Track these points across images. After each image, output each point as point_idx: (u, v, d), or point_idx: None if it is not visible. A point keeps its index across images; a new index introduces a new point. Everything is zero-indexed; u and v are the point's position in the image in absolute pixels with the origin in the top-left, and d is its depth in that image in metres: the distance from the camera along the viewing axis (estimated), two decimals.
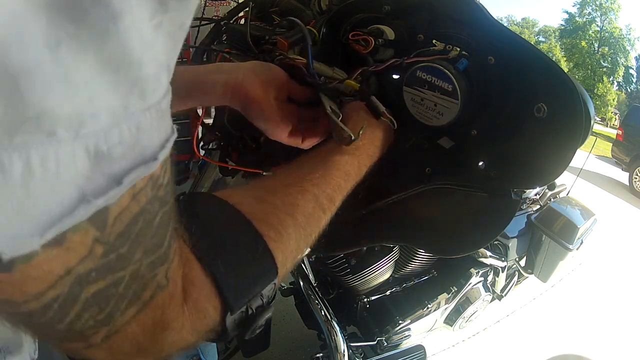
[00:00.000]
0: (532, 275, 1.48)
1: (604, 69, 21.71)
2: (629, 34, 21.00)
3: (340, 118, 0.45)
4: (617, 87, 22.12)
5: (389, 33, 0.52)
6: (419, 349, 1.12)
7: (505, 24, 1.55)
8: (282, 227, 0.34)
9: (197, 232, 0.27)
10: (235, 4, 0.79)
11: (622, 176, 6.12)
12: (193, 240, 0.27)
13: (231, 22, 0.76)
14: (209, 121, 0.76)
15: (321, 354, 1.07)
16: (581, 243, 1.38)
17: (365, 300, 1.10)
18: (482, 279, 1.29)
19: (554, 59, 0.44)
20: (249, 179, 0.71)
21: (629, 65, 21.42)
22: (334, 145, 0.45)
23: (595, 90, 20.88)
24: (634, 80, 21.68)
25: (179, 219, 0.24)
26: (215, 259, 0.28)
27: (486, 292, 1.31)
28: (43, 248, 0.15)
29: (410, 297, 1.16)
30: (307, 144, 0.50)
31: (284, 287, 1.17)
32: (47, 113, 0.13)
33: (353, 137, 0.43)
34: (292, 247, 0.35)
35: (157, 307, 0.23)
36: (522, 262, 1.47)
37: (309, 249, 0.40)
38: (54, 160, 0.14)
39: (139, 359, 0.24)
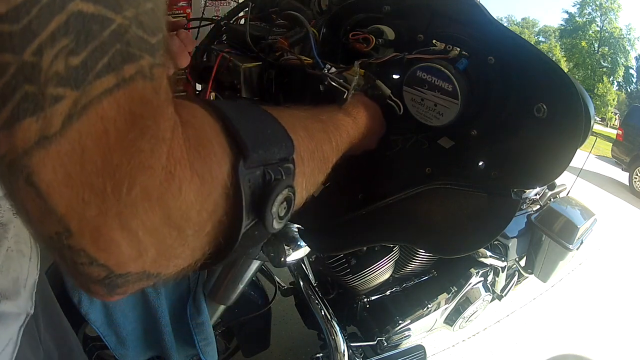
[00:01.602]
0: (532, 275, 1.48)
1: (604, 69, 21.71)
2: (629, 34, 21.01)
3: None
4: (617, 87, 22.13)
5: (389, 33, 0.52)
6: (419, 349, 1.12)
7: (505, 24, 1.55)
8: (292, 127, 0.31)
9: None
10: (235, 4, 0.79)
11: (622, 176, 6.12)
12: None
13: (231, 22, 0.76)
14: None
15: (321, 354, 1.07)
16: (581, 243, 1.38)
17: (365, 300, 1.10)
18: (482, 279, 1.29)
19: (554, 59, 0.44)
20: None
21: (629, 65, 21.42)
22: (332, 108, 0.46)
23: (595, 90, 20.87)
24: (634, 80, 21.68)
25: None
26: (222, 106, 0.25)
27: (486, 292, 1.31)
28: None
29: (410, 297, 1.16)
30: None
31: (284, 287, 1.17)
32: None
33: (350, 88, 0.45)
34: (305, 146, 0.33)
35: (137, 92, 0.19)
36: (522, 262, 1.47)
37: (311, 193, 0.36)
38: None
39: (110, 198, 0.18)
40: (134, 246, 0.19)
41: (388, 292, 1.13)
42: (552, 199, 1.56)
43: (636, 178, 5.60)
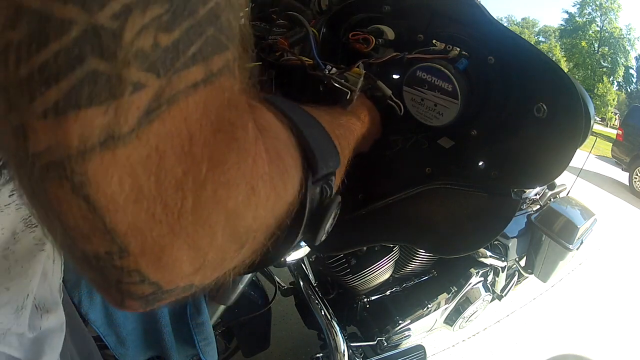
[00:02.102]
0: (532, 275, 1.48)
1: (604, 69, 21.71)
2: (629, 34, 21.02)
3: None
4: (617, 87, 22.13)
5: (389, 33, 0.52)
6: (419, 349, 1.12)
7: (505, 24, 1.55)
8: (332, 129, 0.31)
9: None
10: None
11: (622, 176, 6.12)
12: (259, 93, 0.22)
13: None
14: None
15: (321, 354, 1.07)
16: (581, 243, 1.38)
17: (365, 300, 1.10)
18: (482, 279, 1.29)
19: (554, 59, 0.44)
20: None
21: (629, 65, 21.43)
22: (344, 111, 0.46)
23: (595, 90, 20.88)
24: (634, 80, 21.69)
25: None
26: (292, 113, 0.23)
27: (486, 292, 1.31)
28: None
29: (410, 297, 1.16)
30: None
31: (284, 287, 1.17)
32: None
33: (356, 89, 0.46)
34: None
35: (225, 93, 0.15)
36: (522, 262, 1.47)
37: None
38: None
39: (182, 220, 0.15)
40: (196, 264, 0.16)
41: (388, 292, 1.13)
42: (552, 199, 1.56)
43: (636, 178, 5.60)
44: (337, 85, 0.47)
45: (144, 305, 0.17)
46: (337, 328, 0.97)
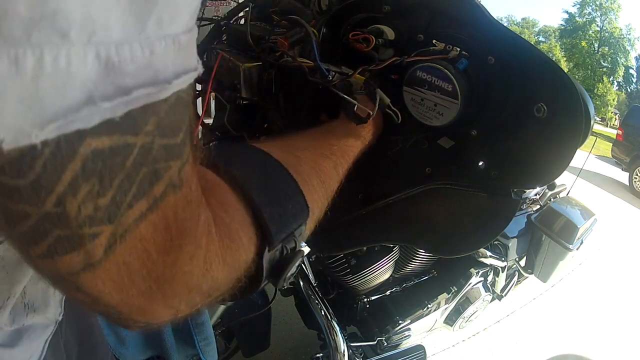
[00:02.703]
0: (532, 275, 1.48)
1: (604, 69, 21.71)
2: (629, 34, 21.02)
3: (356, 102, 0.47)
4: (617, 87, 22.13)
5: (389, 33, 0.52)
6: (419, 349, 1.12)
7: (505, 24, 1.55)
8: (308, 178, 0.34)
9: (226, 165, 0.25)
10: (235, 4, 0.79)
11: (622, 176, 6.12)
12: (222, 168, 0.24)
13: (231, 22, 0.76)
14: (209, 121, 0.76)
15: (321, 354, 1.07)
16: (581, 243, 1.38)
17: (365, 300, 1.10)
18: (482, 279, 1.29)
19: (554, 59, 0.44)
20: None
21: (629, 65, 21.43)
22: (345, 130, 0.47)
23: (595, 90, 20.88)
24: (634, 80, 21.69)
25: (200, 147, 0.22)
26: (250, 186, 0.25)
27: (486, 292, 1.31)
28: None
29: (410, 297, 1.16)
30: None
31: (284, 287, 1.17)
32: (63, 12, 0.14)
33: (372, 114, 0.46)
34: (316, 198, 0.34)
35: (170, 209, 0.19)
36: (522, 262, 1.47)
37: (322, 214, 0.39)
38: (65, 59, 0.14)
39: (154, 294, 0.20)
40: (172, 311, 0.22)
41: (388, 292, 1.13)
42: (552, 199, 1.56)
43: (636, 178, 5.60)
44: (343, 95, 0.47)
45: (145, 329, 0.23)
46: (337, 328, 0.97)
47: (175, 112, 0.18)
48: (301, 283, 1.01)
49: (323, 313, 0.98)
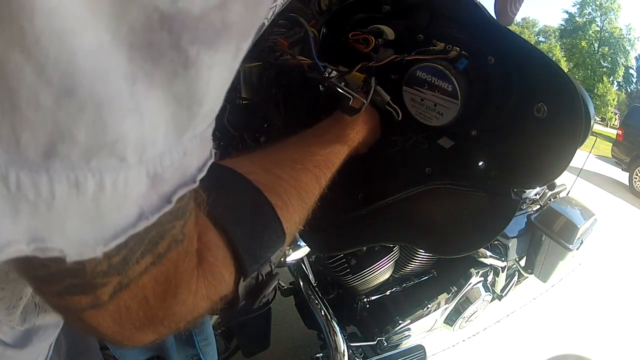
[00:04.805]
0: (532, 275, 1.48)
1: (604, 69, 21.71)
2: (629, 34, 21.02)
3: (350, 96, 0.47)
4: (617, 87, 22.14)
5: (389, 33, 0.52)
6: (419, 349, 1.12)
7: None
8: (287, 198, 0.35)
9: (209, 198, 0.27)
10: None
11: (622, 176, 6.12)
12: (206, 205, 0.26)
13: None
14: None
15: (321, 354, 1.07)
16: (581, 243, 1.38)
17: (365, 300, 1.10)
18: (482, 279, 1.29)
19: (554, 59, 0.44)
20: None
21: (629, 65, 21.43)
22: (333, 134, 0.48)
23: (595, 90, 20.88)
24: (634, 80, 21.69)
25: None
26: (230, 224, 0.28)
27: (486, 292, 1.31)
28: None
29: (410, 297, 1.16)
30: None
31: (284, 287, 1.17)
32: (121, 139, 0.15)
33: (366, 102, 0.46)
34: (296, 218, 0.36)
35: (172, 263, 0.22)
36: (522, 262, 1.47)
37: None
38: (122, 182, 0.16)
39: (146, 328, 0.23)
40: (157, 336, 0.25)
41: (388, 292, 1.13)
42: (552, 199, 1.56)
43: (636, 178, 5.61)
44: (340, 90, 0.47)
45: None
46: (337, 328, 0.97)
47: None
48: (301, 283, 1.01)
49: (323, 313, 0.98)
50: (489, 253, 1.26)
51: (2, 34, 0.12)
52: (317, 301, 0.99)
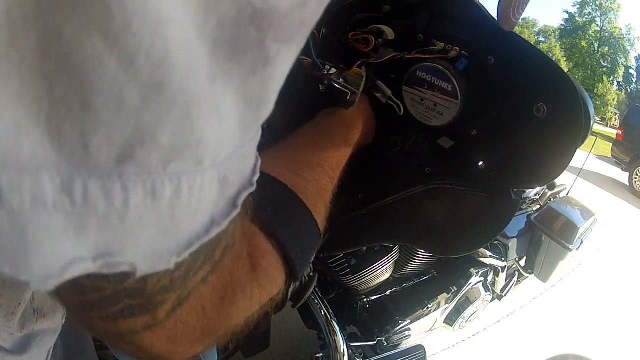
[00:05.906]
0: (532, 275, 1.48)
1: (604, 69, 21.71)
2: (629, 34, 21.03)
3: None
4: (617, 87, 22.14)
5: (389, 33, 0.52)
6: (419, 349, 1.12)
7: None
8: (314, 200, 0.35)
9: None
10: None
11: (622, 176, 6.12)
12: (252, 209, 0.26)
13: None
14: None
15: (321, 354, 1.07)
16: (581, 243, 1.38)
17: (365, 300, 1.10)
18: (482, 279, 1.29)
19: (554, 59, 0.44)
20: None
21: (629, 65, 21.44)
22: (342, 135, 0.48)
23: (595, 90, 20.89)
24: (634, 80, 21.70)
25: None
26: (278, 228, 0.28)
27: (486, 292, 1.31)
28: None
29: (410, 297, 1.16)
30: None
31: None
32: (203, 141, 0.13)
33: (358, 92, 0.46)
34: (321, 219, 0.37)
35: (227, 269, 0.21)
36: (522, 262, 1.47)
37: None
38: (199, 187, 0.14)
39: (200, 341, 0.21)
40: (209, 348, 0.24)
41: (388, 292, 1.13)
42: (552, 199, 1.56)
43: (636, 178, 5.61)
44: (337, 86, 0.47)
45: None
46: (337, 328, 0.97)
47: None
48: None
49: (323, 313, 0.98)
50: (489, 253, 1.26)
51: (76, 12, 0.09)
52: (317, 301, 0.99)
